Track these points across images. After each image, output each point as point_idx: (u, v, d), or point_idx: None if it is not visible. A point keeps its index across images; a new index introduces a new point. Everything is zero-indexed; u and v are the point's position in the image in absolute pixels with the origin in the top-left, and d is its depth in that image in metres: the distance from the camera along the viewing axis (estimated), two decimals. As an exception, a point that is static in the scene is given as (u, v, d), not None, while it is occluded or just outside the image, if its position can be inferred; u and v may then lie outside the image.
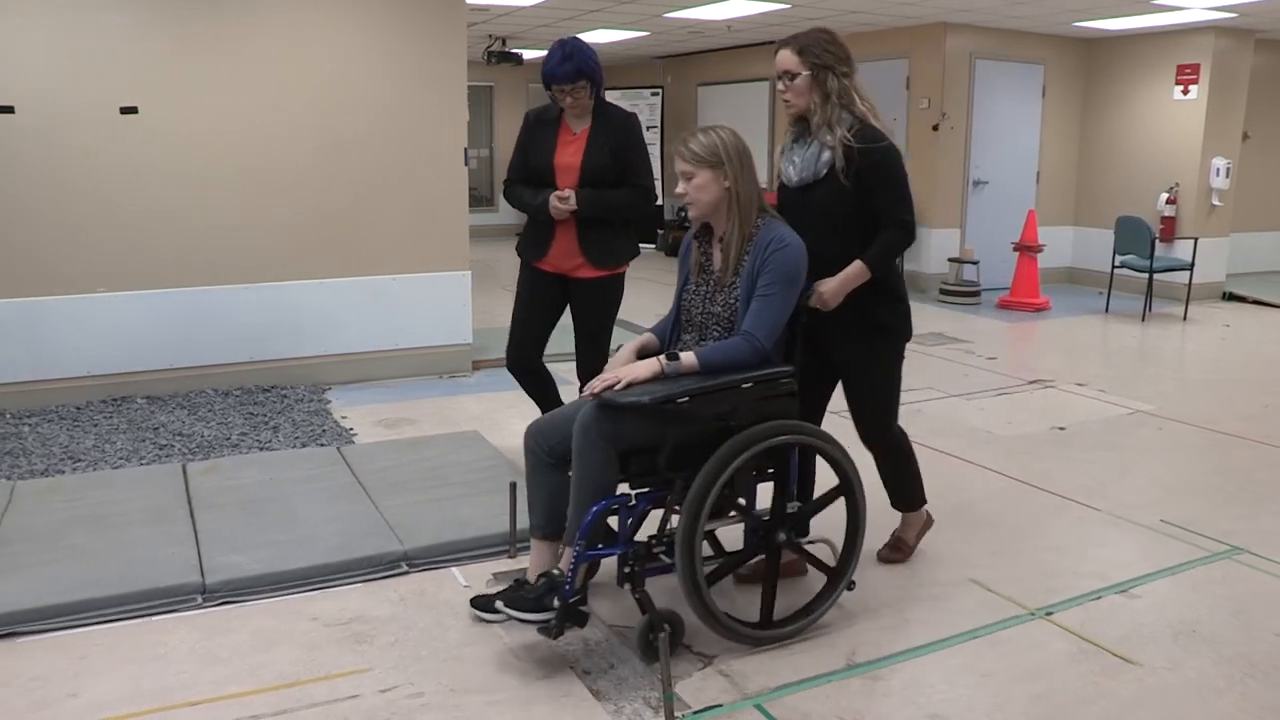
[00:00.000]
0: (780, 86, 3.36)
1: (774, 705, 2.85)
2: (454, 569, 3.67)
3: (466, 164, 6.63)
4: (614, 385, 2.92)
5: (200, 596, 3.39)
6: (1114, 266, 9.45)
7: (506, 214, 15.04)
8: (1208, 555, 3.91)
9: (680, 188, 3.12)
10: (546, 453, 3.14)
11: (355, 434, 5.36)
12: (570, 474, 3.00)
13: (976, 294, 9.97)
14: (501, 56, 11.59)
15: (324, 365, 6.36)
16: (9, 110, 5.42)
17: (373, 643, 3.15)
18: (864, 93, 3.34)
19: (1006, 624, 3.34)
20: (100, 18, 5.56)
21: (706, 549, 3.24)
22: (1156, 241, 9.19)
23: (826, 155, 3.26)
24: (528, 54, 12.53)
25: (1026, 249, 9.67)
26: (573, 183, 4.12)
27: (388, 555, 3.65)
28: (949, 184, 10.37)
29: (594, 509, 2.93)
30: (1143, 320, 9.10)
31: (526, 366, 4.38)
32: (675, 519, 3.02)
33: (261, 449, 5.03)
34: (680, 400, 2.91)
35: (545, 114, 4.22)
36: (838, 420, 3.69)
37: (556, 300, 4.32)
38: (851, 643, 3.21)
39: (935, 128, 10.12)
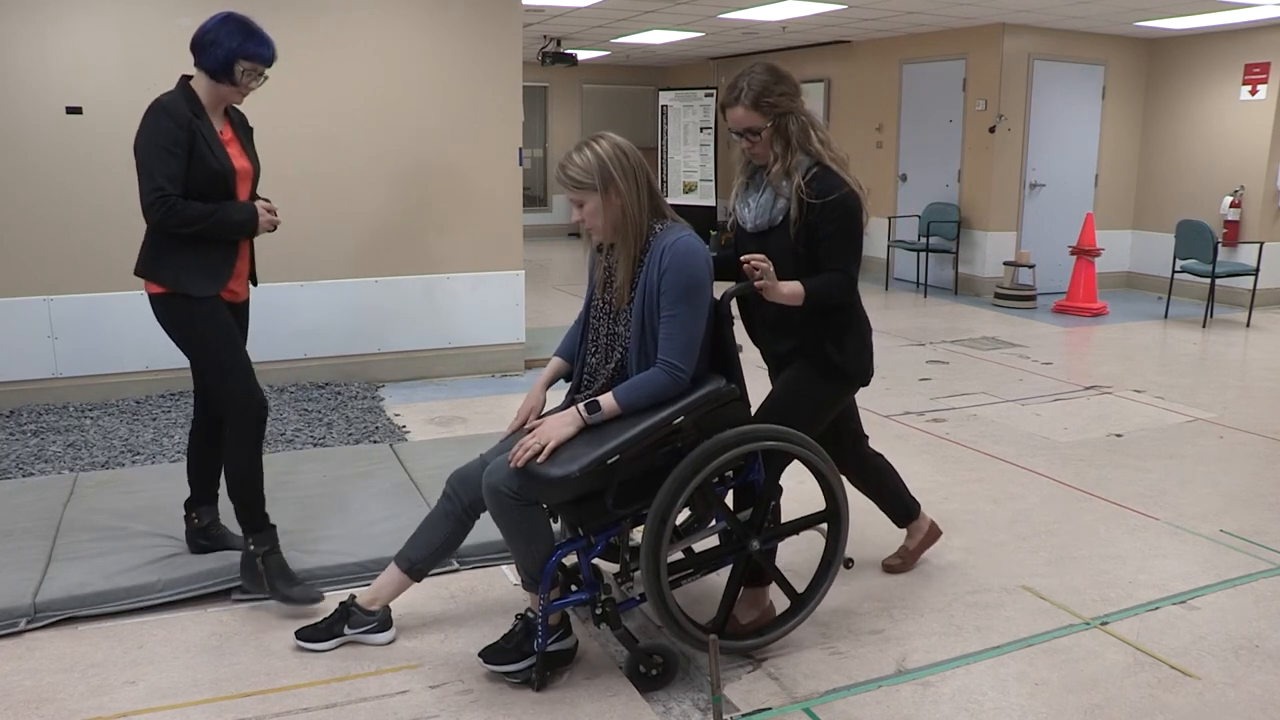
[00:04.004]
0: (745, 144, 3.15)
1: (823, 710, 2.83)
2: (504, 567, 3.69)
3: (521, 164, 6.67)
4: (538, 454, 2.71)
5: (255, 589, 3.44)
6: (1174, 271, 9.26)
7: (560, 213, 15.12)
8: (1271, 568, 3.82)
9: (574, 215, 2.88)
10: (464, 507, 3.02)
11: (408, 432, 5.41)
12: (496, 526, 2.90)
13: (1032, 298, 9.83)
14: (556, 57, 11.64)
15: (378, 363, 6.43)
16: (77, 111, 5.55)
17: (423, 639, 3.18)
18: (817, 124, 3.15)
19: (1061, 633, 3.29)
20: (168, 21, 5.67)
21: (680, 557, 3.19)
22: (1219, 246, 9.00)
23: (781, 204, 3.10)
24: (582, 55, 12.57)
25: (1084, 253, 9.52)
26: (249, 191, 3.49)
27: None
28: (1005, 186, 10.24)
29: (552, 559, 2.85)
30: (1204, 326, 8.92)
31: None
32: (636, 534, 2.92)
33: (315, 445, 5.10)
34: (611, 460, 2.72)
35: (193, 107, 3.29)
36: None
37: None
38: (902, 648, 3.18)
39: (992, 129, 10.00)
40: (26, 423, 5.35)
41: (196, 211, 3.22)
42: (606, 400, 2.80)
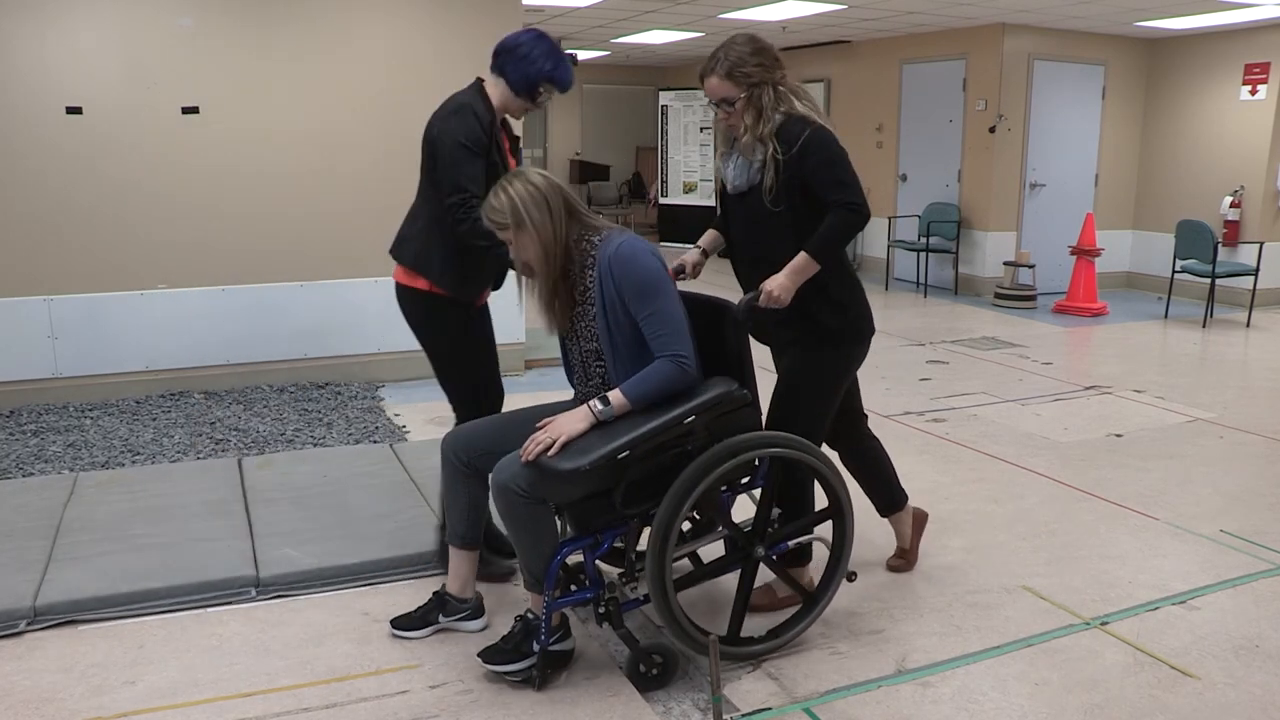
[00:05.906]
0: (720, 114, 3.18)
1: (823, 710, 2.83)
2: (503, 567, 3.69)
3: (520, 164, 6.65)
4: (549, 449, 2.71)
5: (254, 589, 3.45)
6: (1174, 271, 9.26)
7: (559, 214, 15.09)
8: (1271, 568, 3.82)
9: (512, 252, 2.94)
10: (464, 464, 3.04)
11: (408, 431, 5.41)
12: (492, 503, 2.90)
13: (1032, 298, 9.83)
14: (556, 57, 11.64)
15: (378, 363, 6.43)
16: (78, 111, 5.55)
17: (423, 639, 3.17)
18: (801, 93, 3.15)
19: (1061, 633, 3.29)
20: (169, 21, 5.67)
21: (687, 564, 3.23)
22: (1219, 246, 9.00)
23: (757, 164, 3.12)
24: (582, 55, 12.56)
25: (1084, 253, 9.52)
26: None
27: (439, 552, 3.67)
28: (1005, 186, 10.24)
29: (557, 558, 2.85)
30: (1204, 326, 8.91)
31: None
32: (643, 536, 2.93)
33: (315, 445, 5.10)
34: (622, 455, 2.73)
35: (491, 114, 3.41)
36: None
37: None
38: (902, 648, 3.18)
39: (992, 129, 10.00)
40: (26, 423, 5.35)
41: (486, 233, 3.07)
42: (615, 396, 2.81)
